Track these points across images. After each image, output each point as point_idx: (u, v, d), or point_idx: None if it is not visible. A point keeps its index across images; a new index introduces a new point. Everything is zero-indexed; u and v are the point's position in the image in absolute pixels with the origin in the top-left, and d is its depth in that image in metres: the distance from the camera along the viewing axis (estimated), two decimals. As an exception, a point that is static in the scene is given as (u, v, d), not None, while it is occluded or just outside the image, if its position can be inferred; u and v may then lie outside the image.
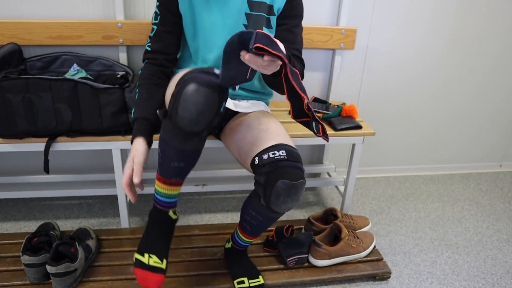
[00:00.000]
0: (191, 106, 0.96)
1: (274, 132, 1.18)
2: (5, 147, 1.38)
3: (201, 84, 0.96)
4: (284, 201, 1.07)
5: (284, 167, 1.06)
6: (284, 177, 1.05)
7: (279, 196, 1.05)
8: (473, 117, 2.14)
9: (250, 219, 1.20)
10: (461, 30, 1.91)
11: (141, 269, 1.11)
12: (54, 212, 1.74)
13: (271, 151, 1.09)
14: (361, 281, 1.45)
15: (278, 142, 1.12)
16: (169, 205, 1.16)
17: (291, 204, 1.09)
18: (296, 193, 1.07)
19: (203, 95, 0.96)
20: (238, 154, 1.24)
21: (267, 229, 1.26)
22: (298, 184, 1.06)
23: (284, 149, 1.10)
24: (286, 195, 1.06)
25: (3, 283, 1.30)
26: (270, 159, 1.08)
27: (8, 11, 1.52)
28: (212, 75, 0.99)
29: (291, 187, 1.05)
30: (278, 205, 1.08)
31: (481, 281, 1.49)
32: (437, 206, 1.94)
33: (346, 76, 1.89)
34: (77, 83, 1.32)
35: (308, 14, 1.72)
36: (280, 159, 1.07)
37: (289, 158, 1.08)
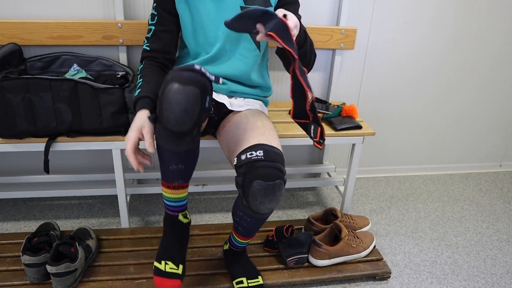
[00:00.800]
0: (175, 106, 0.96)
1: (258, 131, 1.16)
2: (5, 147, 1.38)
3: (181, 82, 0.95)
4: (261, 202, 1.05)
5: (260, 167, 1.04)
6: (260, 178, 1.03)
7: (256, 197, 1.04)
8: (473, 117, 2.14)
9: (240, 220, 1.20)
10: (461, 30, 1.91)
11: (159, 276, 1.16)
12: (54, 212, 1.74)
13: (249, 151, 1.08)
14: (361, 281, 1.45)
15: (259, 142, 1.10)
16: (178, 209, 1.18)
17: (270, 205, 1.07)
18: (273, 193, 1.05)
19: (184, 94, 0.95)
20: (228, 153, 1.24)
21: (258, 229, 1.26)
22: (274, 185, 1.04)
23: (263, 149, 1.08)
24: (263, 195, 1.04)
25: (3, 283, 1.30)
26: (247, 159, 1.06)
27: (9, 11, 1.52)
28: (192, 72, 0.98)
29: (267, 188, 1.03)
30: (256, 206, 1.06)
31: (481, 281, 1.49)
32: (437, 206, 1.94)
33: (346, 76, 1.89)
34: (77, 83, 1.32)
35: (308, 14, 1.72)
36: (256, 159, 1.05)
37: (266, 158, 1.06)
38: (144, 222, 1.71)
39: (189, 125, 0.98)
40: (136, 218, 1.72)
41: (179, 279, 1.17)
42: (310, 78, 1.84)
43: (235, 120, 1.27)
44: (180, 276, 1.17)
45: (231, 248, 1.37)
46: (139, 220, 1.72)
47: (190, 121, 0.98)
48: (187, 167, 1.10)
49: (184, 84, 0.95)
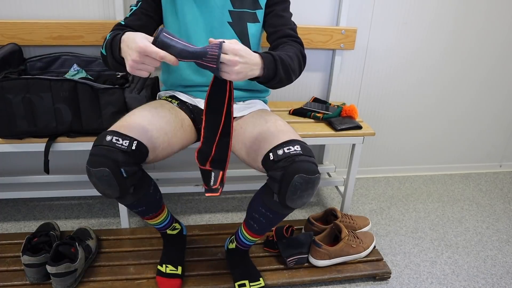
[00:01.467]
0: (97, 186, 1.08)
1: (284, 128, 1.18)
2: (5, 147, 1.38)
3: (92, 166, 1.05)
4: (300, 196, 1.06)
5: (300, 161, 1.05)
6: (301, 172, 1.04)
7: (296, 191, 1.05)
8: (473, 117, 2.14)
9: (259, 216, 1.19)
10: (461, 31, 1.91)
11: (160, 276, 1.34)
12: (54, 212, 1.74)
13: (285, 146, 1.08)
14: (361, 281, 1.45)
15: (291, 138, 1.12)
16: (164, 228, 1.35)
17: (307, 199, 1.09)
18: (312, 187, 1.07)
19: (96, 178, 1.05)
20: (246, 153, 1.22)
21: (274, 226, 1.26)
22: (315, 179, 1.07)
23: (299, 144, 1.10)
24: (303, 189, 1.05)
25: (3, 283, 1.30)
26: (285, 154, 1.07)
27: (9, 12, 1.52)
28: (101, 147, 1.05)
29: (308, 182, 1.05)
30: (293, 200, 1.07)
31: (481, 281, 1.49)
32: (437, 206, 1.94)
33: (346, 76, 1.89)
34: (77, 83, 1.32)
35: (308, 14, 1.72)
36: (296, 154, 1.06)
37: (304, 153, 1.08)
38: (144, 222, 1.71)
39: (117, 193, 1.08)
40: (136, 218, 1.72)
41: (179, 278, 1.34)
42: (310, 78, 1.85)
43: (247, 121, 1.26)
44: (180, 276, 1.35)
45: (238, 246, 1.35)
46: (139, 220, 1.72)
47: (115, 192, 1.07)
48: (148, 204, 1.21)
49: (95, 166, 1.05)
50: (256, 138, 1.18)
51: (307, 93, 1.88)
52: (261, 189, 1.17)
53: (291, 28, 1.26)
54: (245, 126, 1.25)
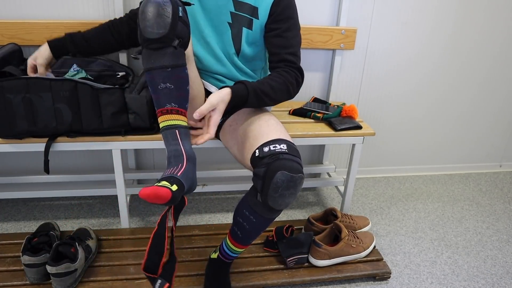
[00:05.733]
0: (148, 14, 1.00)
1: (275, 128, 1.19)
2: (5, 147, 1.38)
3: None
4: (281, 195, 1.05)
5: (284, 159, 1.06)
6: (284, 169, 1.04)
7: (278, 188, 1.04)
8: (473, 117, 2.14)
9: (243, 221, 1.17)
10: (461, 32, 1.91)
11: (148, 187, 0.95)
12: (54, 212, 1.74)
13: (272, 144, 1.10)
14: (361, 281, 1.45)
15: (279, 137, 1.13)
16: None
17: (288, 199, 1.08)
18: (294, 186, 1.06)
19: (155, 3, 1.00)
20: (238, 150, 1.23)
21: (258, 235, 1.22)
22: (297, 178, 1.06)
23: (285, 143, 1.11)
24: (285, 187, 1.05)
25: (3, 283, 1.30)
26: (271, 151, 1.08)
27: (9, 12, 1.52)
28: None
29: (290, 180, 1.05)
30: (275, 199, 1.06)
31: (481, 281, 1.49)
32: (437, 206, 1.94)
33: (346, 76, 1.89)
34: (77, 83, 1.32)
35: (308, 14, 1.72)
36: (281, 152, 1.07)
37: (290, 152, 1.09)
38: (144, 222, 1.71)
39: (166, 28, 1.00)
40: (136, 218, 1.72)
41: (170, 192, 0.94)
42: (310, 78, 1.85)
43: (243, 118, 1.28)
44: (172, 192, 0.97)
45: (219, 257, 1.31)
46: (139, 220, 1.72)
47: (165, 24, 1.00)
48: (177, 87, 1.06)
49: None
50: (247, 136, 1.19)
51: (307, 93, 1.88)
52: (247, 192, 1.17)
53: (291, 52, 1.26)
54: (240, 122, 1.27)
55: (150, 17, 1.01)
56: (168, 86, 1.04)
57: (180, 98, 1.07)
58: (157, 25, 1.01)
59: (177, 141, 1.07)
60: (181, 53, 1.06)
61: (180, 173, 1.01)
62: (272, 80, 1.21)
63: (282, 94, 1.22)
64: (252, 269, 1.41)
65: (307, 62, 1.80)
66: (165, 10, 1.00)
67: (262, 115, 1.25)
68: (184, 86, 1.08)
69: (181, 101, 1.08)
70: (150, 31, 1.01)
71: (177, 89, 1.06)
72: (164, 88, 1.05)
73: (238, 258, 1.45)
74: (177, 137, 1.06)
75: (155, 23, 1.00)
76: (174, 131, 1.06)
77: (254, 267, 1.42)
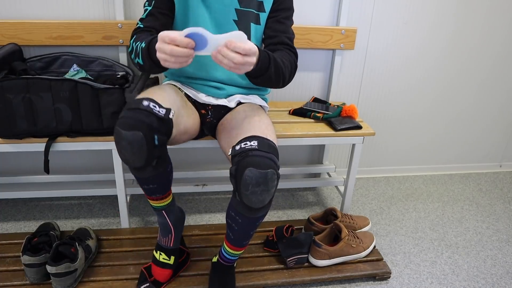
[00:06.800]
0: (124, 151, 1.04)
1: (255, 125, 1.17)
2: (5, 147, 1.38)
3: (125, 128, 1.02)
4: (253, 192, 1.03)
5: (253, 156, 1.04)
6: (252, 165, 1.02)
7: (248, 185, 1.03)
8: (473, 117, 2.14)
9: (232, 222, 1.18)
10: (462, 31, 1.91)
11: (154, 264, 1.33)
12: (54, 212, 1.74)
13: (244, 142, 1.09)
14: (361, 281, 1.45)
15: (254, 134, 1.12)
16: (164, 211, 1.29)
17: (261, 196, 1.04)
18: (265, 183, 1.03)
19: (128, 141, 1.02)
20: (225, 151, 1.23)
21: (249, 238, 1.22)
22: (267, 174, 1.03)
23: (257, 139, 1.09)
24: (255, 184, 1.02)
25: (3, 283, 1.30)
26: (241, 149, 1.07)
27: (9, 12, 1.52)
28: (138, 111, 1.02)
29: (259, 176, 1.02)
30: (248, 197, 1.04)
31: (481, 281, 1.49)
32: (437, 206, 1.94)
33: (346, 76, 1.89)
34: (77, 83, 1.32)
35: (308, 14, 1.72)
36: (250, 149, 1.06)
37: (260, 148, 1.06)
38: (144, 222, 1.71)
39: (141, 162, 1.06)
40: (136, 218, 1.72)
41: (170, 269, 1.32)
42: (310, 78, 1.85)
43: (232, 117, 1.28)
44: (171, 266, 1.32)
45: (219, 260, 1.32)
46: (139, 220, 1.72)
47: (141, 160, 1.05)
48: (160, 184, 1.18)
49: (128, 129, 1.01)
50: (232, 136, 1.19)
51: (307, 93, 1.88)
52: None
53: (289, 37, 1.29)
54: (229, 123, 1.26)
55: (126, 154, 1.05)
56: (151, 186, 1.17)
57: (164, 188, 1.21)
58: (133, 161, 1.06)
59: (164, 218, 1.28)
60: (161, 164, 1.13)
61: (172, 243, 1.32)
62: (282, 56, 1.19)
63: (290, 73, 1.22)
64: (252, 269, 1.41)
65: (307, 62, 1.80)
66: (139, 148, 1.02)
67: (249, 112, 1.25)
68: (166, 179, 1.20)
69: (165, 189, 1.22)
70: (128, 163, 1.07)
71: (160, 185, 1.19)
72: (148, 188, 1.18)
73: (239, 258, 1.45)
74: (164, 215, 1.27)
75: (131, 159, 1.05)
76: (161, 212, 1.26)
77: (254, 267, 1.42)
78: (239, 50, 0.95)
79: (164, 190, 1.22)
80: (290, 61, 1.22)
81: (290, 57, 1.24)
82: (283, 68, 1.17)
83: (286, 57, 1.22)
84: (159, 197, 1.22)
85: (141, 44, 1.09)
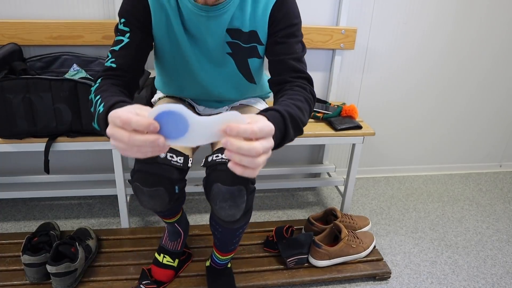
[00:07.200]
0: (146, 203, 1.03)
1: None
2: (5, 147, 1.38)
3: (147, 185, 0.99)
4: (221, 207, 0.97)
5: (221, 170, 0.97)
6: (218, 181, 0.96)
7: (216, 201, 0.97)
8: (473, 117, 2.14)
9: (214, 230, 1.18)
10: (461, 30, 1.91)
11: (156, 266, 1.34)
12: (54, 212, 1.74)
13: (216, 153, 1.01)
14: (361, 281, 1.45)
15: None
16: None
17: (231, 211, 0.98)
18: (232, 198, 0.96)
19: (152, 195, 1.00)
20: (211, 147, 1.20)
21: (233, 245, 1.22)
22: (233, 190, 0.95)
23: None
24: (221, 200, 0.96)
25: (3, 283, 1.30)
26: (212, 161, 1.00)
27: (9, 11, 1.52)
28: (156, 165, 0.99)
29: (225, 192, 0.95)
30: (217, 210, 0.99)
31: (481, 281, 1.49)
32: (437, 206, 1.94)
33: (346, 76, 1.89)
34: (77, 83, 1.32)
35: (308, 14, 1.72)
36: (220, 162, 0.99)
37: None
38: (144, 222, 1.71)
39: (163, 208, 1.06)
40: (136, 218, 1.72)
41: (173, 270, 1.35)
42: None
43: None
44: (174, 268, 1.35)
45: (212, 264, 1.33)
46: (139, 220, 1.72)
47: (162, 207, 1.05)
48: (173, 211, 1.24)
49: (149, 186, 0.99)
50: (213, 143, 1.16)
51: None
52: None
53: (295, 57, 1.03)
54: None
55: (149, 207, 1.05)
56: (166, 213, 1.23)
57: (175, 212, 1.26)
58: (155, 208, 1.06)
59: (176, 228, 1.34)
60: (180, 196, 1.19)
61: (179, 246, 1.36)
62: (294, 99, 0.91)
63: (309, 111, 0.95)
64: (252, 269, 1.41)
65: (307, 62, 1.80)
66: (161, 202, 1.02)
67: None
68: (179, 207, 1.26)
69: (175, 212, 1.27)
70: (151, 209, 1.08)
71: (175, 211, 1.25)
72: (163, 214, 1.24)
73: (238, 258, 1.45)
74: (176, 225, 1.33)
75: (152, 208, 1.05)
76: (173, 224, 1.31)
77: (254, 267, 1.42)
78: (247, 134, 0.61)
79: (177, 212, 1.28)
80: (305, 99, 0.94)
81: (304, 92, 0.96)
82: (302, 117, 0.88)
83: (301, 95, 0.94)
84: (172, 217, 1.28)
85: (99, 106, 0.82)
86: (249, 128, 0.61)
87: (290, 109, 0.84)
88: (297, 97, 0.92)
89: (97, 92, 0.89)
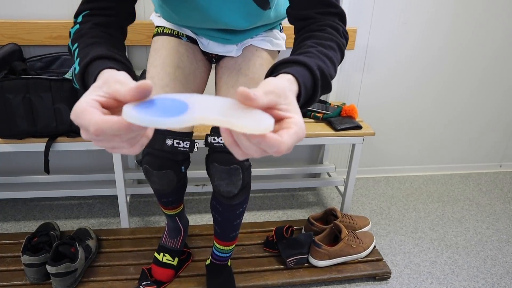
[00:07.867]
0: (155, 184, 1.13)
1: None
2: (5, 147, 1.38)
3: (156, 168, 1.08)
4: (218, 184, 1.09)
5: (217, 152, 1.08)
6: (216, 161, 1.07)
7: (213, 178, 1.09)
8: (473, 118, 2.14)
9: (215, 213, 1.22)
10: (460, 30, 1.91)
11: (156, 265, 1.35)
12: (54, 212, 1.74)
13: (213, 135, 1.08)
14: (361, 281, 1.45)
15: None
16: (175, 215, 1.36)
17: (228, 188, 1.09)
18: (228, 177, 1.08)
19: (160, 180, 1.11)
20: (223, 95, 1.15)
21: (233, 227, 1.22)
22: (229, 169, 1.07)
23: None
24: (218, 178, 1.08)
25: (3, 283, 1.30)
26: (211, 143, 1.09)
27: (8, 11, 1.52)
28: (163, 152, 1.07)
29: (221, 171, 1.07)
30: (216, 187, 1.11)
31: (481, 281, 1.49)
32: (437, 206, 1.94)
33: (346, 76, 1.89)
34: (77, 83, 1.32)
35: (308, 14, 1.72)
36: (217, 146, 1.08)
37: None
38: (144, 222, 1.71)
39: (171, 189, 1.16)
40: (136, 218, 1.72)
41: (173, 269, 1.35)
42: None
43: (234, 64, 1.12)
44: (174, 267, 1.35)
45: (212, 261, 1.32)
46: (139, 220, 1.72)
47: (170, 187, 1.15)
48: (177, 197, 1.27)
49: (158, 169, 1.08)
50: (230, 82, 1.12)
51: (307, 93, 1.87)
52: None
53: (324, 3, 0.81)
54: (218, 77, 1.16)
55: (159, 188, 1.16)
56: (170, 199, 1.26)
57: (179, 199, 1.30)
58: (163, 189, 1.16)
59: (176, 223, 1.36)
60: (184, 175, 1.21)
61: (179, 244, 1.38)
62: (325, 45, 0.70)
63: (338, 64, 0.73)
64: (252, 269, 1.41)
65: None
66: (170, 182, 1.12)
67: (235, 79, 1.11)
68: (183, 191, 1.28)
69: (180, 200, 1.31)
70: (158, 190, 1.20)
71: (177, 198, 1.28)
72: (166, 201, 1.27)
73: (238, 258, 1.45)
74: (176, 220, 1.35)
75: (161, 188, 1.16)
76: (174, 217, 1.33)
77: (254, 267, 1.42)
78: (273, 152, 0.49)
79: (180, 201, 1.31)
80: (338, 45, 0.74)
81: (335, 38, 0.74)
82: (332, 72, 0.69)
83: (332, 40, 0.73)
84: (174, 207, 1.30)
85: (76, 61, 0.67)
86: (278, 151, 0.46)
87: (322, 63, 0.65)
88: (329, 43, 0.71)
89: (75, 37, 0.71)
